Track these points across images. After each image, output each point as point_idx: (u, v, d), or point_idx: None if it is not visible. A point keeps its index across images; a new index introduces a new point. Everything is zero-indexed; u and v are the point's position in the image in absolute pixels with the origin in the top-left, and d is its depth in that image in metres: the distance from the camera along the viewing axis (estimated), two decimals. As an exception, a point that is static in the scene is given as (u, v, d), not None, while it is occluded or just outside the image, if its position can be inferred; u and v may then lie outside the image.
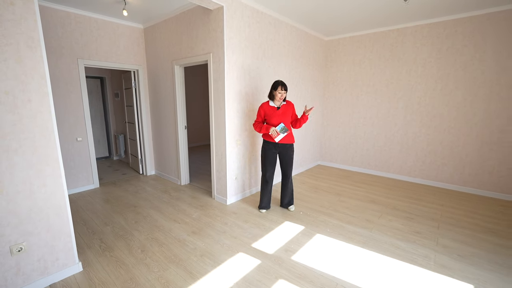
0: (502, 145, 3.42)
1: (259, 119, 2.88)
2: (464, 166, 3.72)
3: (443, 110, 3.79)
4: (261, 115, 2.86)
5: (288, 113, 2.81)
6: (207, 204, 3.27)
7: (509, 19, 3.20)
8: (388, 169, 4.43)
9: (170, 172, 4.22)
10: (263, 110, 2.84)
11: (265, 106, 2.84)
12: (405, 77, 4.06)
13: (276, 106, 2.81)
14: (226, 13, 2.86)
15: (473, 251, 2.27)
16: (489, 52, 3.38)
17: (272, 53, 3.62)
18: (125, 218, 2.88)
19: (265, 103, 2.86)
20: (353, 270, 2.01)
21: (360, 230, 2.62)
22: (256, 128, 2.87)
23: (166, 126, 4.11)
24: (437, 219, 2.86)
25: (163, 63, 3.90)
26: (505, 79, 3.31)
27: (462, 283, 1.88)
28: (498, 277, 1.95)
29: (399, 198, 3.46)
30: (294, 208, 3.11)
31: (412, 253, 2.24)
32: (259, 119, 2.88)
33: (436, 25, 3.69)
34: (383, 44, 4.21)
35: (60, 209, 1.86)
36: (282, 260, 2.14)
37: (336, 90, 4.89)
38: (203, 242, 2.40)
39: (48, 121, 1.74)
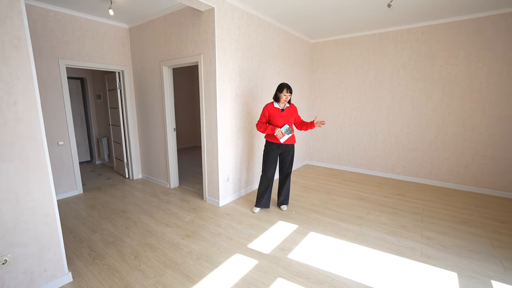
0: (474, 142, 3.69)
1: (263, 120, 2.91)
2: (442, 162, 3.97)
3: (422, 110, 4.03)
4: (266, 116, 2.88)
5: (291, 115, 2.88)
6: (199, 207, 3.24)
7: (477, 26, 3.46)
8: (373, 167, 4.62)
9: (159, 175, 4.12)
10: (268, 111, 2.87)
11: (269, 107, 2.87)
12: (388, 78, 4.27)
13: (281, 108, 2.85)
14: (217, 15, 2.86)
15: (453, 241, 2.44)
16: (460, 57, 3.64)
17: (262, 54, 3.66)
18: (114, 224, 2.79)
19: (270, 104, 2.88)
20: (347, 265, 2.09)
21: (351, 227, 2.72)
22: (259, 128, 2.89)
23: (154, 128, 4.02)
24: (420, 213, 3.04)
25: (150, 64, 3.81)
26: (475, 82, 3.58)
27: (446, 271, 2.02)
28: (474, 263, 2.11)
29: (384, 195, 3.63)
30: (286, 208, 3.16)
31: (400, 246, 2.36)
32: (263, 120, 2.90)
33: (415, 30, 3.92)
34: (366, 47, 4.40)
35: (49, 217, 1.77)
36: (279, 259, 2.17)
37: (322, 91, 5.03)
38: (198, 245, 2.38)
39: (35, 124, 1.65)
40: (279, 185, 3.16)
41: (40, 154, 1.69)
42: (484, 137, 3.61)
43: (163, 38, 3.54)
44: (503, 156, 3.52)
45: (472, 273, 2.00)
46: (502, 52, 3.37)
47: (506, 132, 3.46)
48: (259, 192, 3.08)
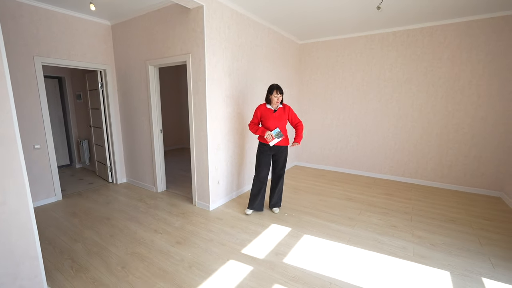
0: (457, 143, 3.83)
1: (255, 120, 2.89)
2: (427, 162, 4.09)
3: (408, 111, 4.13)
4: (257, 117, 2.87)
5: (284, 116, 2.82)
6: (189, 211, 3.12)
7: (458, 30, 3.59)
8: (360, 167, 4.68)
9: (145, 179, 3.95)
10: (260, 112, 2.85)
11: (262, 107, 2.85)
12: (375, 80, 4.34)
13: (273, 108, 2.82)
14: (206, 13, 2.77)
15: (443, 239, 2.49)
16: (444, 59, 3.77)
17: (251, 54, 3.60)
18: (98, 233, 2.62)
19: (262, 104, 2.86)
20: (343, 268, 2.07)
21: (343, 228, 2.72)
22: (251, 129, 2.88)
23: (139, 130, 3.84)
24: (409, 212, 3.10)
25: (135, 63, 3.65)
26: (458, 83, 3.72)
27: (439, 270, 2.05)
28: (464, 261, 2.16)
29: (373, 195, 3.67)
30: (278, 210, 3.12)
31: (393, 246, 2.38)
32: (255, 120, 2.89)
33: (400, 33, 4.01)
34: (354, 49, 4.45)
35: (25, 229, 1.61)
36: (274, 264, 2.12)
37: (311, 92, 5.04)
38: (190, 252, 2.28)
39: (8, 127, 1.50)
40: (271, 187, 3.11)
41: (15, 159, 1.53)
42: (467, 138, 3.76)
43: (148, 36, 3.39)
44: (485, 156, 3.67)
45: (463, 271, 2.04)
46: (483, 55, 3.51)
47: (487, 133, 3.61)
48: (252, 194, 3.01)
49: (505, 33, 3.35)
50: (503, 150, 3.54)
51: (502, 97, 3.47)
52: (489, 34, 3.44)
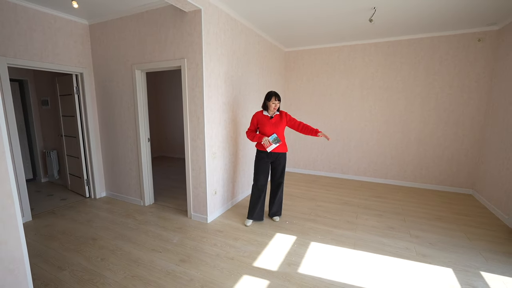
0: (432, 145, 4.17)
1: (252, 128, 2.87)
2: (407, 164, 4.38)
3: (389, 117, 4.41)
4: (254, 124, 2.85)
5: (281, 123, 2.78)
6: (185, 225, 2.93)
7: (432, 43, 3.95)
8: (347, 171, 4.86)
9: (129, 191, 3.63)
10: (256, 119, 2.83)
11: (258, 115, 2.83)
12: (358, 88, 4.57)
13: (270, 115, 2.79)
14: (204, 17, 2.67)
15: (437, 238, 2.66)
16: (420, 69, 4.11)
17: (244, 61, 3.55)
18: (86, 257, 2.32)
19: (259, 112, 2.85)
20: (357, 273, 2.09)
21: (346, 233, 2.76)
22: (249, 136, 2.84)
23: (122, 139, 3.54)
24: (401, 213, 3.27)
25: (118, 67, 3.37)
26: (432, 92, 4.07)
27: (442, 268, 2.17)
28: (461, 257, 2.32)
29: (364, 198, 3.82)
30: (279, 219, 3.07)
31: (397, 247, 2.47)
32: (252, 128, 2.87)
33: (381, 44, 4.29)
34: (338, 58, 4.65)
35: (15, 263, 1.35)
36: (290, 275, 2.06)
37: (297, 98, 5.13)
38: (198, 271, 2.12)
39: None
40: (271, 196, 3.06)
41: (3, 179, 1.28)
42: (441, 141, 4.11)
43: (136, 38, 3.16)
44: (457, 158, 4.04)
45: (463, 266, 2.18)
46: (452, 66, 3.90)
47: (458, 137, 3.99)
48: (251, 203, 2.93)
49: (471, 48, 3.76)
50: (472, 152, 3.93)
51: (468, 104, 3.87)
52: (457, 48, 3.83)
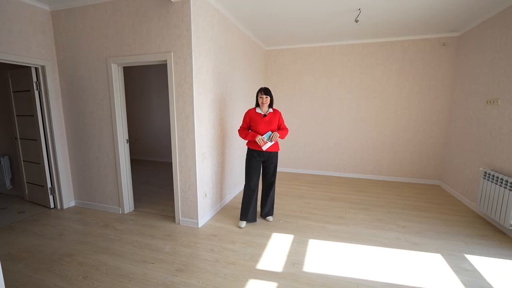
0: (405, 141, 4.50)
1: (244, 126, 2.79)
2: (383, 159, 4.66)
3: (366, 115, 4.64)
4: (247, 122, 2.76)
5: (274, 121, 2.72)
6: (174, 232, 2.72)
7: (403, 46, 4.26)
8: (327, 168, 5.00)
9: (105, 199, 3.27)
10: (249, 116, 2.74)
11: (251, 112, 2.75)
12: (337, 87, 4.73)
13: (263, 113, 2.71)
14: (193, 9, 2.51)
15: (421, 226, 2.85)
16: (393, 70, 4.40)
17: (230, 57, 3.44)
18: (64, 276, 2.01)
19: (252, 109, 2.76)
20: (359, 266, 2.13)
21: (340, 228, 2.82)
22: (241, 134, 2.75)
23: (95, 141, 3.17)
24: (384, 206, 3.45)
25: (90, 60, 3.01)
26: (404, 91, 4.39)
27: (432, 254, 2.32)
28: (446, 242, 2.51)
29: (348, 192, 3.96)
30: (272, 218, 3.02)
31: (388, 238, 2.59)
32: (245, 126, 2.78)
33: (357, 45, 4.50)
34: (317, 58, 4.77)
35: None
36: (296, 275, 2.02)
37: (277, 97, 5.14)
38: (199, 279, 1.96)
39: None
40: (263, 196, 3.00)
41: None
42: (412, 137, 4.45)
43: (111, 28, 2.85)
44: (426, 152, 4.41)
45: (449, 251, 2.36)
46: (421, 67, 4.25)
47: (426, 133, 4.36)
48: (244, 204, 2.84)
49: (436, 51, 4.13)
50: (438, 147, 4.33)
51: (435, 102, 4.26)
52: (425, 52, 4.18)
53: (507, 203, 2.56)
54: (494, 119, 3.01)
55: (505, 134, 2.82)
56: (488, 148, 3.10)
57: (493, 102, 3.03)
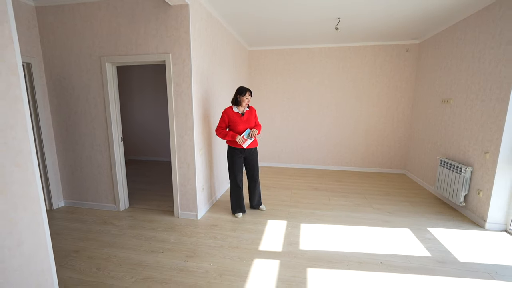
0: (376, 136, 5.05)
1: (222, 125, 2.87)
2: (357, 152, 5.18)
3: (343, 113, 5.11)
4: (225, 121, 2.86)
5: (251, 118, 2.92)
6: (176, 224, 2.87)
7: (373, 51, 4.77)
8: (308, 162, 5.41)
9: (98, 198, 3.29)
10: (227, 116, 2.84)
11: (229, 111, 2.85)
12: (317, 86, 5.13)
13: (240, 112, 2.88)
14: (191, 13, 2.66)
15: (392, 207, 3.33)
16: (366, 72, 4.90)
17: (220, 58, 3.62)
18: (77, 269, 2.09)
19: (229, 108, 2.87)
20: (344, 242, 2.49)
21: (326, 213, 3.19)
22: (219, 134, 2.85)
23: (88, 140, 3.17)
24: (361, 193, 3.91)
25: (82, 59, 3.00)
26: (375, 91, 4.92)
27: (402, 228, 2.77)
28: (412, 219, 3.00)
29: (329, 183, 4.38)
30: (265, 207, 3.30)
31: (367, 219, 3.01)
32: (223, 125, 2.87)
33: (335, 49, 4.92)
34: (298, 59, 5.11)
35: (43, 275, 1.21)
36: (294, 253, 2.32)
37: (261, 95, 5.41)
38: (209, 263, 2.17)
39: (23, 141, 1.11)
40: (250, 189, 3.18)
41: (31, 183, 1.14)
42: (381, 132, 5.01)
43: (105, 28, 2.88)
44: (393, 145, 5.00)
45: (416, 226, 2.84)
46: (389, 70, 4.80)
47: (393, 128, 4.94)
48: (234, 199, 3.06)
49: (401, 56, 4.70)
50: (403, 140, 4.93)
51: (400, 101, 4.84)
52: (392, 56, 4.73)
53: (457, 184, 3.11)
54: (448, 115, 3.59)
55: (456, 128, 3.39)
56: (443, 140, 3.68)
57: (447, 101, 3.61)
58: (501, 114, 2.62)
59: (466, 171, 3.02)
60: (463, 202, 3.11)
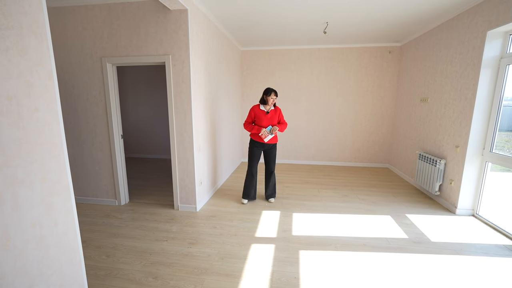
0: (362, 132, 5.37)
1: (249, 120, 3.25)
2: (345, 148, 5.49)
3: (331, 111, 5.40)
4: (252, 117, 3.23)
5: (275, 117, 3.23)
6: (176, 216, 3.06)
7: (358, 52, 5.08)
8: (298, 157, 5.68)
9: (99, 193, 3.42)
10: (254, 113, 3.21)
11: (256, 109, 3.21)
12: (305, 86, 5.39)
13: (266, 110, 3.19)
14: (190, 17, 2.83)
15: (376, 198, 3.64)
16: (352, 72, 5.20)
17: (216, 59, 3.80)
18: (87, 257, 2.24)
19: (256, 106, 3.23)
20: (334, 228, 2.75)
21: (316, 203, 3.45)
22: (247, 127, 3.24)
23: (89, 137, 3.29)
24: (348, 185, 4.20)
25: (82, 59, 3.11)
26: (360, 90, 5.23)
27: (384, 216, 3.07)
28: (393, 207, 3.30)
29: (318, 176, 4.66)
30: (274, 200, 3.52)
31: (353, 208, 3.29)
32: (249, 120, 3.25)
33: (323, 50, 5.19)
34: (289, 59, 5.35)
35: (73, 252, 1.39)
36: (288, 238, 2.56)
37: (253, 94, 5.62)
38: (211, 248, 2.38)
39: (57, 136, 1.28)
40: (266, 180, 3.50)
41: (63, 172, 1.31)
42: (367, 129, 5.34)
43: (106, 29, 3.01)
44: (377, 141, 5.34)
45: (396, 213, 3.14)
46: (373, 71, 5.11)
47: (378, 125, 5.28)
48: (246, 186, 3.41)
49: (384, 58, 5.02)
50: (387, 136, 5.28)
51: (384, 100, 5.18)
52: (376, 57, 5.05)
53: (433, 176, 3.45)
54: (425, 113, 3.93)
55: (432, 125, 3.73)
56: (421, 136, 4.03)
57: (424, 100, 3.94)
58: (469, 112, 2.95)
59: (441, 164, 3.35)
60: (438, 191, 3.45)
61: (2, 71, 1.03)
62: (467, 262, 2.19)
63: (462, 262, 2.19)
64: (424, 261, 2.20)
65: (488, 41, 2.74)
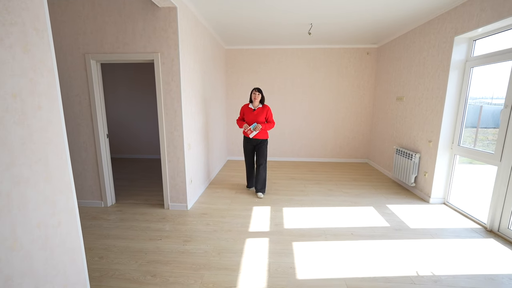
0: (343, 130, 5.64)
1: (240, 117, 3.55)
2: (327, 145, 5.73)
3: (314, 109, 5.60)
4: (241, 114, 3.53)
5: (261, 115, 3.39)
6: (167, 215, 3.04)
7: (339, 53, 5.32)
8: (284, 154, 5.83)
9: (83, 194, 3.29)
10: (243, 110, 3.48)
11: (245, 106, 3.49)
12: (289, 85, 5.54)
13: (253, 108, 3.37)
14: (179, 15, 2.82)
15: (359, 191, 3.87)
16: (333, 72, 5.43)
17: (203, 57, 3.80)
18: (78, 260, 2.18)
19: (246, 104, 3.48)
20: (323, 220, 2.91)
21: (303, 198, 3.60)
22: (238, 124, 3.52)
23: (72, 137, 3.15)
24: (332, 180, 4.41)
25: (62, 56, 2.97)
26: (341, 90, 5.48)
27: (367, 207, 3.29)
28: (375, 199, 3.54)
29: (304, 172, 4.83)
30: (262, 195, 3.60)
31: (339, 201, 3.48)
32: (240, 117, 3.54)
33: (305, 50, 5.36)
34: (272, 58, 5.46)
35: (75, 252, 1.37)
36: (280, 231, 2.66)
37: (238, 93, 5.66)
38: (206, 245, 2.42)
39: (59, 134, 1.26)
40: (255, 175, 3.64)
41: (65, 171, 1.30)
42: (348, 126, 5.61)
43: (90, 25, 2.90)
44: (357, 137, 5.63)
45: (377, 204, 3.38)
46: (353, 71, 5.38)
47: (357, 122, 5.57)
48: (247, 175, 3.86)
49: (363, 58, 5.31)
50: (366, 132, 5.59)
51: (363, 99, 5.48)
52: (355, 58, 5.32)
53: (409, 169, 3.74)
54: (401, 111, 4.23)
55: (407, 122, 4.03)
56: (398, 132, 4.33)
57: (400, 99, 4.25)
58: (440, 110, 3.25)
59: (416, 157, 3.64)
60: (414, 183, 3.75)
61: (6, 68, 1.01)
62: (441, 245, 2.43)
63: (438, 245, 2.43)
64: (405, 245, 2.42)
65: (456, 46, 3.04)
